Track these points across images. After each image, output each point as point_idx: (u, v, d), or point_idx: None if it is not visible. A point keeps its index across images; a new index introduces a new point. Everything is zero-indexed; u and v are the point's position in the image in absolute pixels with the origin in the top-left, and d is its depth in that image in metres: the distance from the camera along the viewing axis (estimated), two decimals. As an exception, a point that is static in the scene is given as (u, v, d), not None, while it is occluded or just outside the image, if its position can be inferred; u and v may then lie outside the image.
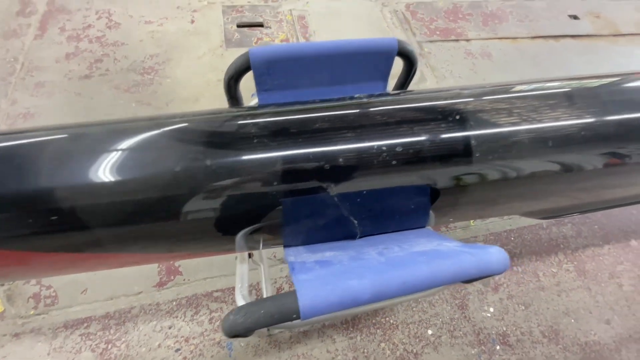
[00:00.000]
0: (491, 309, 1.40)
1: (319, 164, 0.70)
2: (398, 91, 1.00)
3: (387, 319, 1.35)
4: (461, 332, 1.35)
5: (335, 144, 0.71)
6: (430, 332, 1.33)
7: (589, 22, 2.86)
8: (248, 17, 2.25)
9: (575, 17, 2.90)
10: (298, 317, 0.51)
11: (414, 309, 1.38)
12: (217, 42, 2.10)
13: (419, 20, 2.54)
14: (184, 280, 1.39)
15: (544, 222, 1.63)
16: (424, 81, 2.17)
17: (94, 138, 0.70)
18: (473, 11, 2.71)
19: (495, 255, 0.59)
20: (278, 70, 0.89)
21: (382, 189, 0.71)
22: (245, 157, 0.69)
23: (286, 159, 0.69)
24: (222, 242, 0.76)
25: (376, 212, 0.74)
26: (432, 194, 0.75)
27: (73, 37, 2.05)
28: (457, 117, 0.76)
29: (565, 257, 1.56)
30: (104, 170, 0.65)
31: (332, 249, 0.73)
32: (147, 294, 1.35)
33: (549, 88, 0.87)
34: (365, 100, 0.82)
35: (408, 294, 0.55)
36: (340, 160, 0.70)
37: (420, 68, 2.20)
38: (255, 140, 0.70)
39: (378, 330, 1.31)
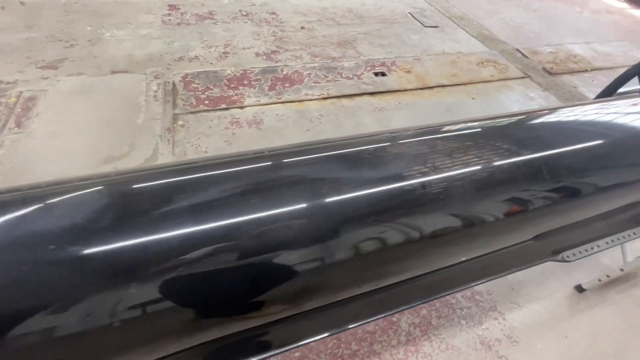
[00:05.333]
0: None
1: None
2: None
3: None
4: None
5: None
6: None
7: (396, 78, 2.76)
8: (-46, 104, 1.91)
9: (382, 74, 2.80)
10: None
11: None
12: None
13: (191, 90, 2.30)
14: None
15: None
16: (154, 158, 1.81)
17: None
18: (264, 76, 2.53)
19: None
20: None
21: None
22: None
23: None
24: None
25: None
26: None
27: None
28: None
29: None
30: None
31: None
32: None
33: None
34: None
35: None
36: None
37: (155, 143, 1.88)
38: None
39: None
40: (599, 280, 1.39)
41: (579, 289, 1.48)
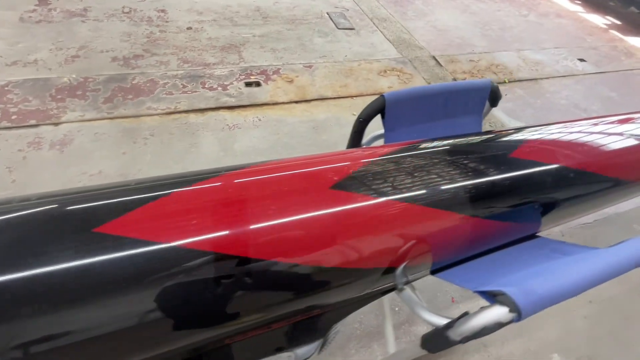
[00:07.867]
0: None
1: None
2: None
3: None
4: None
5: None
6: None
7: (271, 89, 2.44)
8: None
9: (256, 84, 2.48)
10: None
11: None
12: None
13: (2, 102, 1.98)
14: None
15: None
16: None
17: None
18: (106, 86, 2.21)
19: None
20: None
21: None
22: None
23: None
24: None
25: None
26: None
27: None
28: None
29: None
30: None
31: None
32: None
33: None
34: None
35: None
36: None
37: None
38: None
39: None
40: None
41: (363, 371, 1.20)
